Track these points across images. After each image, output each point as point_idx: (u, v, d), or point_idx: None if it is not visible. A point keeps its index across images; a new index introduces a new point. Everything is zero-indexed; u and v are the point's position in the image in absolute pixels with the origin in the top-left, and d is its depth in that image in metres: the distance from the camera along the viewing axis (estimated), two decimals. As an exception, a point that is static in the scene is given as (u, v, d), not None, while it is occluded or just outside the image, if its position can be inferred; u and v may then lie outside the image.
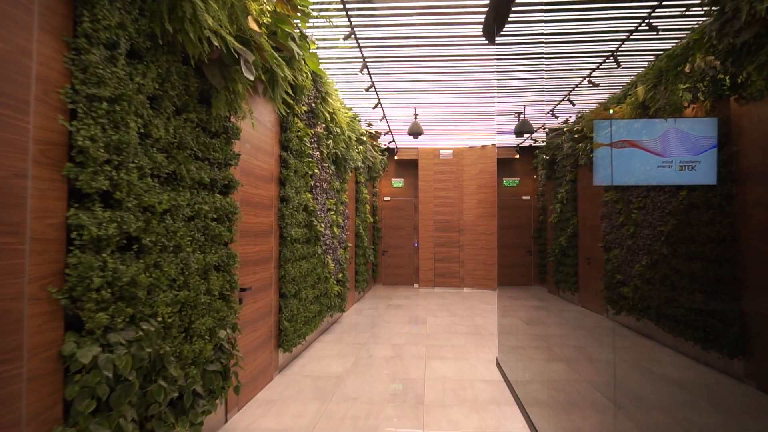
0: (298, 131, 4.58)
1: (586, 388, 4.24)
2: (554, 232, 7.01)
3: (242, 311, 3.44)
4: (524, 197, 10.82)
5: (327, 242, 5.74)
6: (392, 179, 11.78)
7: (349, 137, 6.64)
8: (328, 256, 5.83)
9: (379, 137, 9.27)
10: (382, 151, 10.65)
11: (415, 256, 11.55)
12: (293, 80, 3.98)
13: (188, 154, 2.48)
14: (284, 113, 4.09)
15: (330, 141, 5.65)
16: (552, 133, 7.48)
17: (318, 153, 5.28)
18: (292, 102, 4.14)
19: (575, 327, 5.85)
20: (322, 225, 5.45)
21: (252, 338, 3.63)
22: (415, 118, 8.00)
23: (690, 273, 3.25)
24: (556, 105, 7.28)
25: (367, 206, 9.23)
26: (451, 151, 11.07)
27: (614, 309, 4.32)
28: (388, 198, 11.74)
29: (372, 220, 9.59)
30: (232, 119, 3.13)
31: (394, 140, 10.42)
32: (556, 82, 6.56)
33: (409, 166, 11.73)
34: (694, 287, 3.16)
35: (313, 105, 4.98)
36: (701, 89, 2.69)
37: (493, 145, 10.66)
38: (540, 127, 8.52)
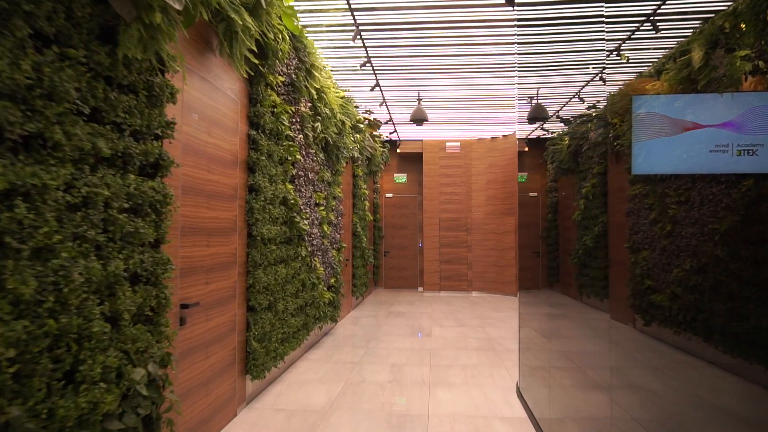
0: (274, 106, 3.74)
1: (634, 430, 3.37)
2: (577, 231, 6.18)
3: (185, 334, 2.60)
4: (531, 194, 9.93)
5: (314, 242, 4.90)
6: (394, 174, 10.93)
7: (343, 122, 5.80)
8: (316, 258, 4.99)
9: (379, 127, 8.42)
10: (383, 143, 9.80)
11: (419, 258, 10.69)
12: (262, 37, 3.14)
13: (68, 109, 1.64)
14: (246, 75, 3.23)
15: (317, 124, 4.81)
16: (578, 119, 6.60)
17: (301, 136, 4.43)
18: (259, 64, 3.29)
19: (605, 340, 4.98)
20: (307, 222, 4.60)
21: (202, 368, 2.79)
22: (419, 103, 7.14)
23: (762, 281, 2.41)
24: (585, 86, 6.40)
25: (367, 203, 8.39)
26: (458, 144, 10.20)
27: (643, 319, 3.54)
28: (390, 195, 10.88)
29: (372, 218, 8.75)
30: (167, 76, 2.29)
31: (396, 131, 9.57)
32: (585, 57, 5.68)
33: (412, 160, 10.87)
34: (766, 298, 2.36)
35: (294, 77, 4.14)
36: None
37: (508, 136, 9.78)
38: (554, 115, 7.64)
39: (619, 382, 4.39)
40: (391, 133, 9.83)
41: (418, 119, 6.90)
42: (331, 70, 5.97)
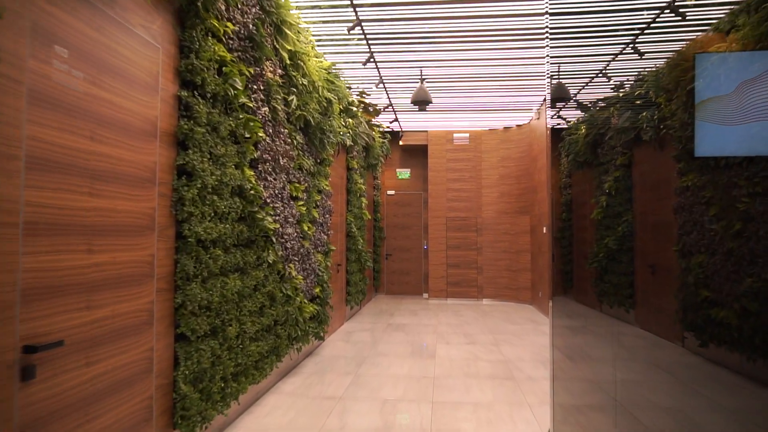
0: (221, 63, 2.78)
1: None
2: (597, 232, 5.20)
3: (49, 390, 1.65)
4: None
5: (289, 245, 3.94)
6: (397, 169, 9.95)
7: (329, 101, 4.84)
8: (292, 264, 4.03)
9: (378, 113, 7.46)
10: (383, 133, 8.84)
11: (424, 261, 9.70)
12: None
13: None
14: (169, 5, 2.29)
15: (292, 97, 3.85)
16: (600, 103, 5.61)
17: (267, 109, 3.47)
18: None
19: (645, 363, 3.99)
20: (277, 219, 3.65)
21: (80, 438, 1.83)
22: (421, 83, 6.16)
23: None
24: (612, 60, 5.39)
25: (364, 200, 7.43)
26: (467, 135, 9.21)
27: (699, 339, 2.66)
28: (392, 192, 9.91)
29: (370, 217, 7.79)
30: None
31: (397, 119, 8.59)
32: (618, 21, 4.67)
33: (416, 154, 9.89)
34: None
35: (254, 29, 3.18)
36: None
37: (522, 125, 8.77)
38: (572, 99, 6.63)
39: (682, 428, 3.39)
40: (391, 122, 8.86)
41: (421, 101, 5.93)
42: (318, 41, 5.02)
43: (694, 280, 2.75)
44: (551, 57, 5.41)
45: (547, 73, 6.23)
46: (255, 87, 3.28)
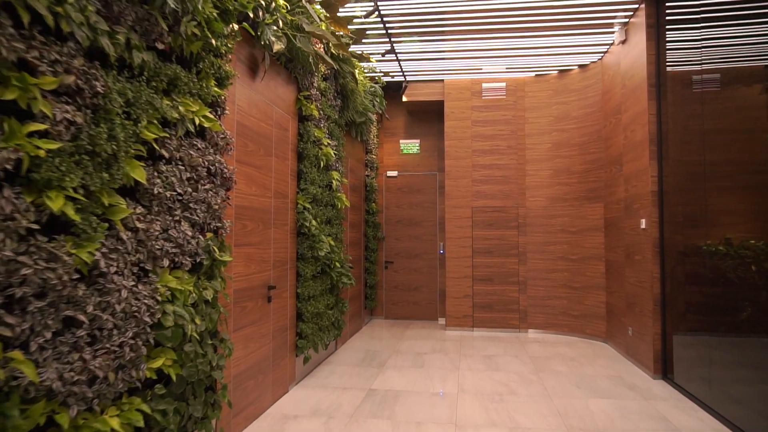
0: None
1: None
2: None
3: None
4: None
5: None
6: (400, 141, 7.01)
7: None
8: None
9: (362, 35, 4.59)
10: (374, 80, 5.97)
11: (440, 272, 6.73)
12: None
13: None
14: None
15: None
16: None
17: None
18: None
19: None
20: None
21: None
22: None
23: None
24: None
25: (336, 175, 4.55)
26: (502, 85, 6.21)
27: None
28: (393, 173, 6.98)
29: (347, 204, 4.86)
30: None
31: (398, 58, 5.62)
32: None
33: (427, 117, 6.93)
34: None
35: None
36: None
37: (588, 66, 5.70)
38: None
39: None
40: (390, 61, 5.91)
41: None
42: None
43: None
44: None
45: None
46: None
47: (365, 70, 5.79)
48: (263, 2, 2.87)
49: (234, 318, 2.85)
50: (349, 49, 4.79)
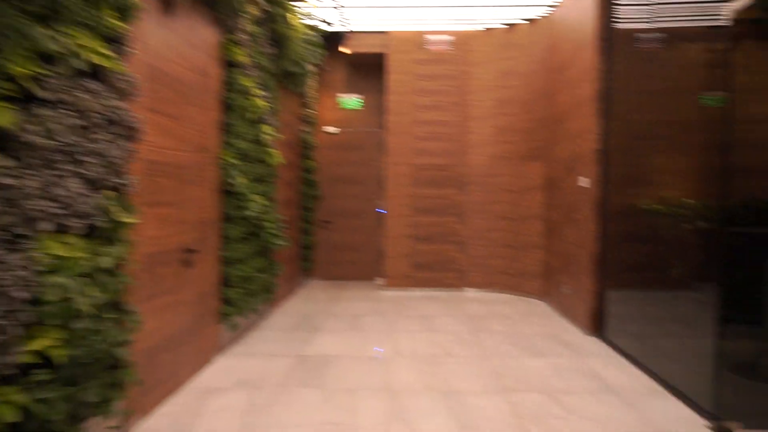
0: None
1: None
2: None
3: None
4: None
5: None
6: (340, 96, 6.60)
7: None
8: None
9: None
10: (311, 27, 5.48)
11: (379, 231, 6.56)
12: None
13: None
14: None
15: None
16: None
17: None
18: None
19: None
20: None
21: None
22: None
23: None
24: None
25: (267, 130, 4.15)
26: (448, 38, 5.91)
27: None
28: (332, 129, 6.59)
29: (282, 160, 4.48)
30: None
31: (338, 5, 5.15)
32: None
33: (370, 70, 6.54)
34: None
35: None
36: None
37: (536, 20, 5.51)
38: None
39: None
40: (329, 23, 5.41)
41: None
42: None
43: None
44: None
45: None
46: None
47: (303, 17, 5.27)
48: None
49: (145, 287, 2.50)
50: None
